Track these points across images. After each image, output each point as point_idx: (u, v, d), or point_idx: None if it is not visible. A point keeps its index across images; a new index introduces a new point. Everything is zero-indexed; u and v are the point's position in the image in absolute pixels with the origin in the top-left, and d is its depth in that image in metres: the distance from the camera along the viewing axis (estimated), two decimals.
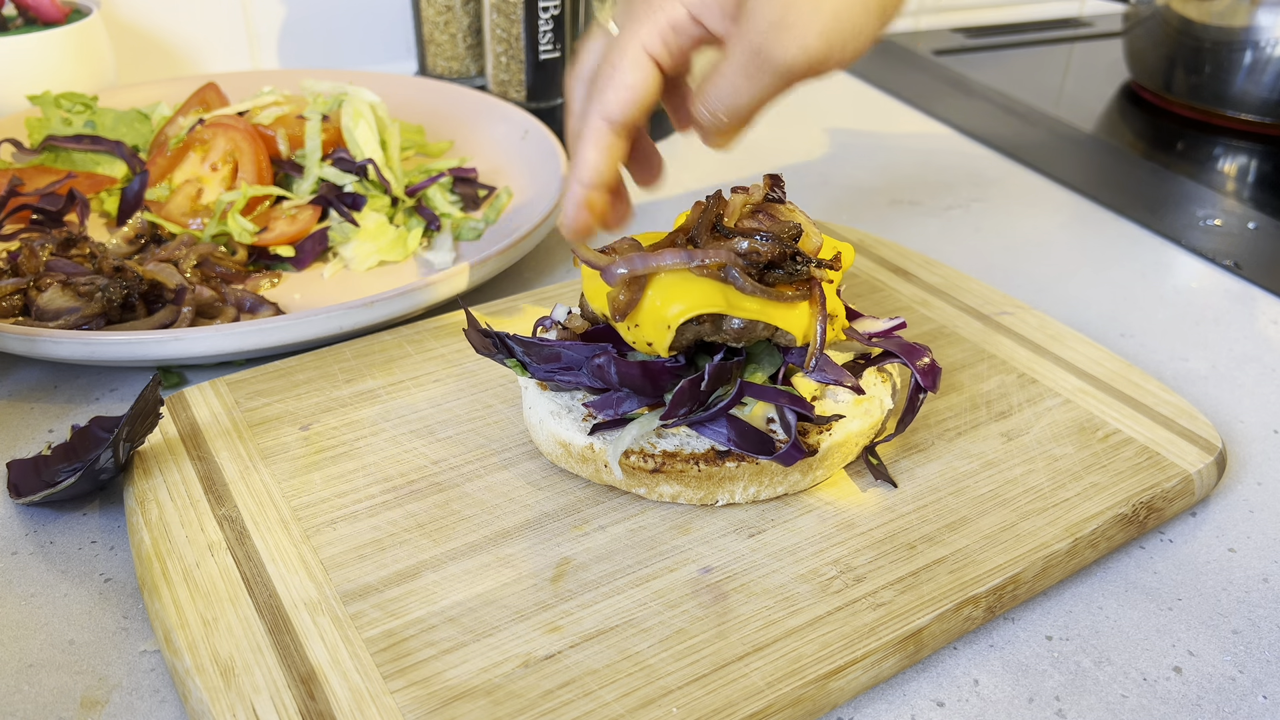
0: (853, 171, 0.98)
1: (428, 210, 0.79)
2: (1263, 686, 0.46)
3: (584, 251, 0.50)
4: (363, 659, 0.42)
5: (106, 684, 0.44)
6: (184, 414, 0.56)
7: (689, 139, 0.91)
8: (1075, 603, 0.50)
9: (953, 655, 0.47)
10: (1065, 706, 0.44)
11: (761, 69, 0.49)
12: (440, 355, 0.62)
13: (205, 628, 0.43)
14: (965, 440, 0.56)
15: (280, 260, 0.74)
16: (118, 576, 0.49)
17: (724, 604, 0.45)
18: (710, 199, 0.52)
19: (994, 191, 0.94)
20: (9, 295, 0.64)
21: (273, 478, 0.52)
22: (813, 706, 0.42)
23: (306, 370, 0.60)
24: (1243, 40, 1.03)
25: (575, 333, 0.54)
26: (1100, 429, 0.57)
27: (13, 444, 0.58)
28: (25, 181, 0.75)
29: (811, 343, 0.50)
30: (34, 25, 0.89)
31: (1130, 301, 0.77)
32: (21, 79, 0.86)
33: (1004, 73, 1.23)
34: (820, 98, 1.17)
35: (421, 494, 0.51)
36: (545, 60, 0.96)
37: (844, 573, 0.47)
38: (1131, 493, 0.52)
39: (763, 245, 0.49)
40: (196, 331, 0.60)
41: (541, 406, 0.53)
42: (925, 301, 0.70)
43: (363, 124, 0.80)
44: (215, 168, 0.78)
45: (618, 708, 0.40)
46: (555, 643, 0.43)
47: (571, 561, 0.48)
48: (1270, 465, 0.60)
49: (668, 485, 0.50)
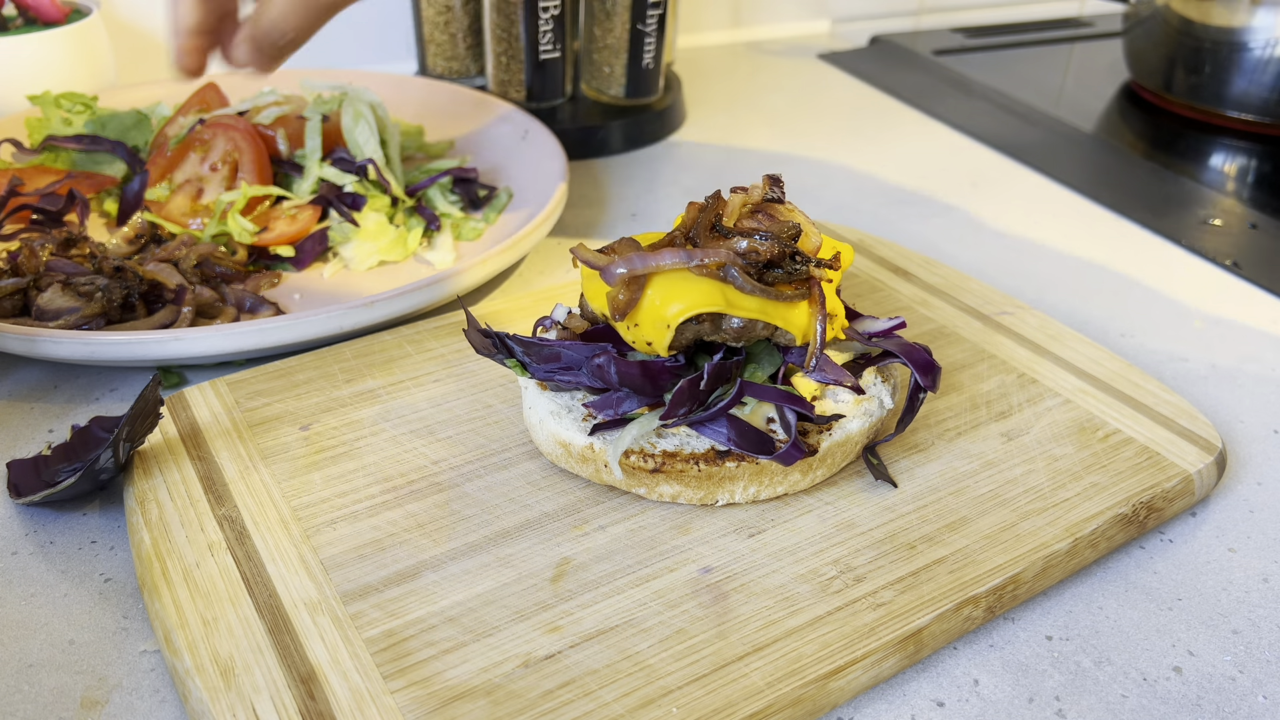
0: (853, 171, 0.98)
1: (428, 210, 0.79)
2: (1263, 686, 0.46)
3: (583, 251, 0.50)
4: (363, 659, 0.42)
5: (106, 684, 0.44)
6: (184, 414, 0.56)
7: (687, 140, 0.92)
8: (1075, 603, 0.50)
9: (953, 655, 0.47)
10: (1065, 706, 0.44)
11: None
12: (440, 355, 0.62)
13: (205, 628, 0.43)
14: (965, 440, 0.56)
15: (280, 260, 0.74)
16: (118, 576, 0.49)
17: (724, 604, 0.45)
18: (709, 199, 0.52)
19: (994, 191, 0.94)
20: (9, 295, 0.64)
21: (273, 478, 0.52)
22: (813, 706, 0.42)
23: (306, 370, 0.60)
24: (1243, 40, 1.03)
25: (575, 333, 0.54)
26: (1100, 429, 0.57)
27: (13, 444, 0.58)
28: (25, 181, 0.75)
29: (811, 342, 0.50)
30: (34, 25, 0.89)
31: (1130, 301, 0.77)
32: (21, 79, 0.86)
33: (1004, 73, 1.23)
34: (820, 98, 1.17)
35: (421, 494, 0.51)
36: (545, 60, 0.96)
37: (844, 573, 0.47)
38: (1131, 493, 0.52)
39: (762, 244, 0.49)
40: (196, 331, 0.60)
41: (541, 406, 0.53)
42: (925, 301, 0.70)
43: (363, 124, 0.80)
44: (215, 168, 0.78)
45: (618, 708, 0.40)
46: (555, 643, 0.43)
47: (571, 561, 0.48)
48: (1270, 465, 0.60)
49: (668, 485, 0.50)
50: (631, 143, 1.00)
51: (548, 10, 0.92)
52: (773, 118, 1.11)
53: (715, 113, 1.11)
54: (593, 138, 0.98)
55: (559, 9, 0.93)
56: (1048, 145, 1.04)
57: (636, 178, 0.94)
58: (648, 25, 0.96)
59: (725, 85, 1.20)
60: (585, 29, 0.99)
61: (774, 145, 1.03)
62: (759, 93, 1.18)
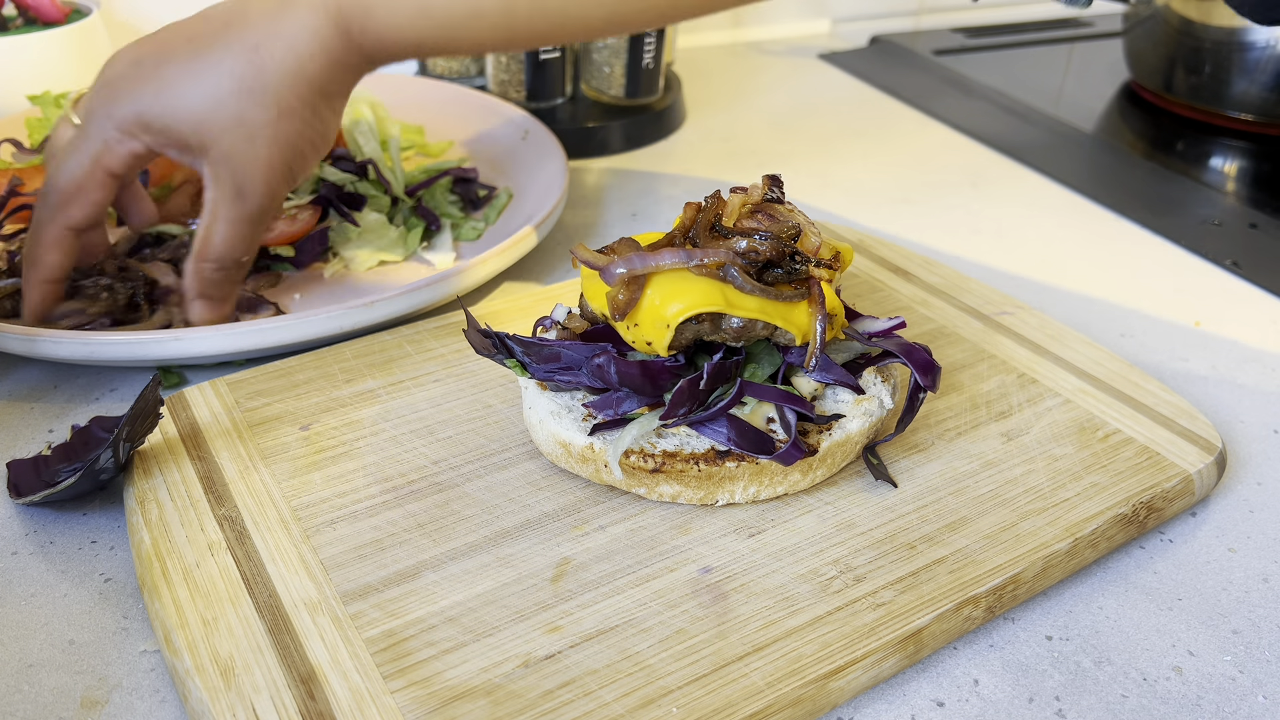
0: (853, 171, 0.98)
1: (428, 210, 0.79)
2: (1263, 686, 0.46)
3: (583, 251, 0.50)
4: (363, 659, 0.42)
5: (106, 684, 0.44)
6: (184, 414, 0.56)
7: (687, 140, 0.92)
8: (1075, 603, 0.50)
9: (953, 655, 0.47)
10: (1065, 706, 0.44)
11: (247, 205, 0.59)
12: (440, 355, 0.62)
13: (205, 628, 0.43)
14: (965, 440, 0.56)
15: (280, 260, 0.74)
16: (118, 576, 0.49)
17: (724, 604, 0.45)
18: (709, 199, 0.52)
19: (994, 191, 0.94)
20: (9, 295, 0.64)
21: (273, 478, 0.52)
22: (813, 706, 0.42)
23: (306, 370, 0.60)
24: (1243, 40, 1.03)
25: (575, 333, 0.54)
26: (1100, 429, 0.57)
27: (13, 444, 0.58)
28: (25, 181, 0.75)
29: (811, 342, 0.50)
30: (34, 25, 0.89)
31: (1130, 301, 0.77)
32: (21, 79, 0.86)
33: (1004, 73, 1.23)
34: (820, 98, 1.17)
35: (421, 494, 0.51)
36: (545, 60, 0.96)
37: (844, 573, 0.47)
38: (1131, 493, 0.52)
39: (761, 244, 0.49)
40: (196, 332, 0.60)
41: (541, 406, 0.53)
42: (925, 301, 0.70)
43: (363, 124, 0.80)
44: None
45: (618, 708, 0.40)
46: (555, 643, 0.43)
47: (571, 561, 0.48)
48: (1270, 465, 0.60)
49: (668, 485, 0.50)
50: (631, 143, 1.00)
51: None
52: (773, 118, 1.10)
53: (715, 113, 1.11)
54: (593, 138, 0.98)
55: None
56: (1048, 145, 1.04)
57: (636, 178, 0.94)
58: None
59: (725, 85, 1.20)
60: None
61: (774, 145, 1.03)
62: (759, 93, 1.18)
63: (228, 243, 0.60)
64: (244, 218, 0.60)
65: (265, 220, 0.61)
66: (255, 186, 0.59)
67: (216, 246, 0.60)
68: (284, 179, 0.60)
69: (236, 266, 0.62)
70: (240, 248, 0.61)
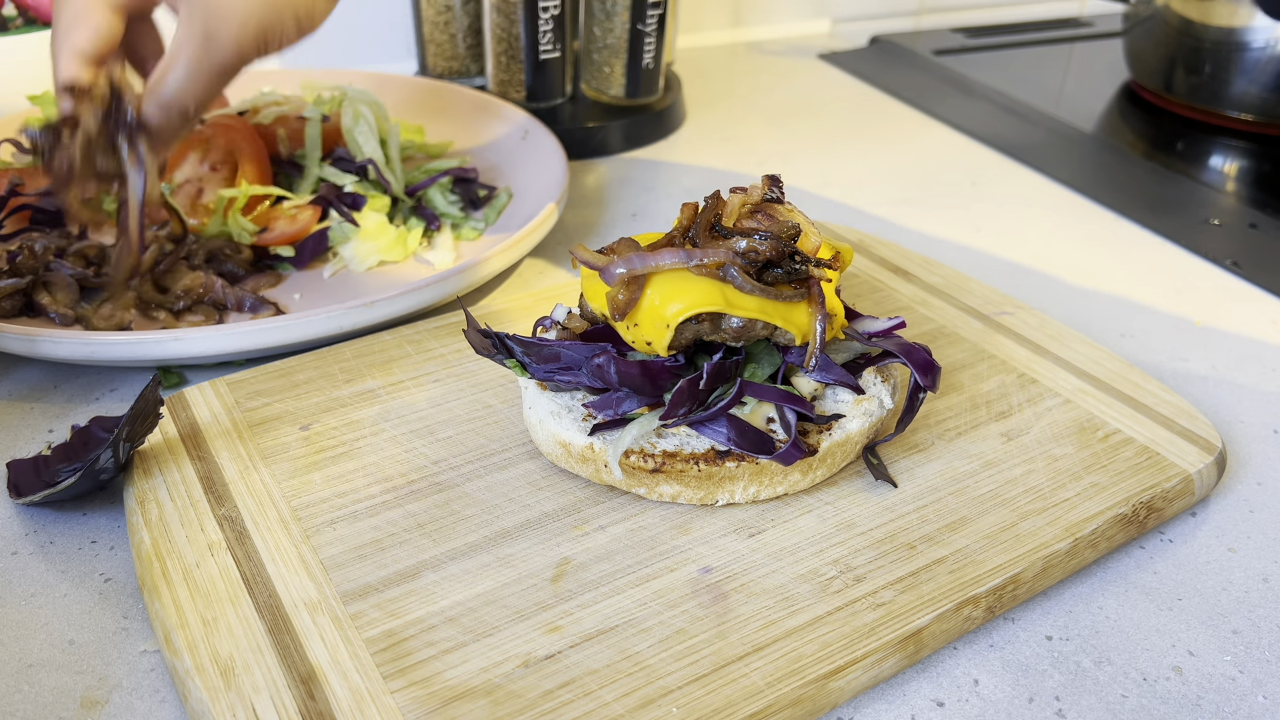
0: (853, 171, 0.98)
1: (428, 210, 0.79)
2: (1263, 686, 0.46)
3: (583, 251, 0.50)
4: (363, 659, 0.42)
5: (106, 684, 0.44)
6: (184, 414, 0.56)
7: (687, 139, 0.92)
8: (1075, 603, 0.50)
9: (953, 655, 0.47)
10: (1065, 706, 0.44)
11: (210, 53, 0.56)
12: (440, 355, 0.62)
13: (205, 628, 0.43)
14: (965, 440, 0.56)
15: (280, 260, 0.74)
16: (118, 576, 0.49)
17: (724, 604, 0.45)
18: (708, 199, 0.52)
19: (994, 191, 0.94)
20: (9, 295, 0.64)
21: (273, 478, 0.52)
22: (813, 706, 0.42)
23: (306, 370, 0.60)
24: (1243, 40, 1.03)
25: (575, 333, 0.54)
26: (1100, 429, 0.57)
27: (13, 444, 0.58)
28: (25, 181, 0.75)
29: (811, 342, 0.50)
30: (34, 25, 0.89)
31: (1130, 301, 0.77)
32: (21, 79, 0.86)
33: (1004, 73, 1.23)
34: (820, 98, 1.17)
35: (421, 494, 0.51)
36: (545, 60, 0.96)
37: (844, 573, 0.47)
38: (1131, 493, 0.52)
39: (761, 244, 0.49)
40: (196, 331, 0.60)
41: (541, 406, 0.53)
42: (925, 301, 0.70)
43: (363, 124, 0.80)
44: (215, 168, 0.78)
45: (618, 708, 0.40)
46: (555, 643, 0.43)
47: (571, 561, 0.48)
48: (1270, 465, 0.60)
49: (668, 485, 0.50)
50: (631, 143, 1.00)
51: (548, 10, 0.92)
52: (773, 118, 1.10)
53: (715, 113, 1.11)
54: (593, 138, 0.98)
55: (559, 9, 0.93)
56: (1048, 145, 1.04)
57: (636, 178, 0.94)
58: (648, 25, 0.96)
59: (725, 85, 1.20)
60: (585, 29, 0.99)
61: (774, 145, 1.03)
62: (759, 93, 1.18)
63: (179, 85, 0.57)
64: (204, 66, 0.57)
65: (224, 77, 0.58)
66: (225, 36, 0.56)
67: (168, 87, 0.57)
68: (255, 41, 0.57)
69: (180, 117, 0.59)
70: (189, 96, 0.58)
